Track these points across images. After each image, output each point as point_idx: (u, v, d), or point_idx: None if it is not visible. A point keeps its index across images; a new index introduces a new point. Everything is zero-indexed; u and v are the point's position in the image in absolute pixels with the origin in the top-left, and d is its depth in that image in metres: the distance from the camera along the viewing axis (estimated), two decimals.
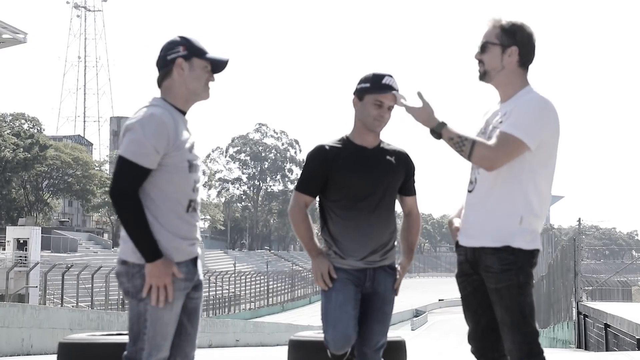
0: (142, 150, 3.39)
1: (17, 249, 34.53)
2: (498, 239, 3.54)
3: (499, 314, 3.57)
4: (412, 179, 4.13)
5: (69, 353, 4.11)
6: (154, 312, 3.43)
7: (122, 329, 19.93)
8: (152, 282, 3.40)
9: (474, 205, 3.65)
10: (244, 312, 50.65)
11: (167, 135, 3.43)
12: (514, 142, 3.49)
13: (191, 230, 3.54)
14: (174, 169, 3.47)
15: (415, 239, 4.15)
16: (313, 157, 4.00)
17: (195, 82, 3.56)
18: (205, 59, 3.57)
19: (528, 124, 3.50)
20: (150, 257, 3.39)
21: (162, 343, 3.46)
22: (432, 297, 76.26)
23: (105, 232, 72.86)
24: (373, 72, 4.01)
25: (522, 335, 3.52)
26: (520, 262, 3.53)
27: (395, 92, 3.94)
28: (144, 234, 3.40)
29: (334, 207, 3.99)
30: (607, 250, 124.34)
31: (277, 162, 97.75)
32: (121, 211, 3.41)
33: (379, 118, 3.96)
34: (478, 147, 3.50)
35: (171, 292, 3.42)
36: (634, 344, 12.45)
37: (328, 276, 3.95)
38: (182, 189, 3.49)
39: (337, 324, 3.88)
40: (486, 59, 3.64)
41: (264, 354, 15.48)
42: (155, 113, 3.44)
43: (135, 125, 3.42)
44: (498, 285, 3.54)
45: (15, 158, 52.79)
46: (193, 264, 3.57)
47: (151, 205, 3.46)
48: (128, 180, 3.41)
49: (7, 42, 30.92)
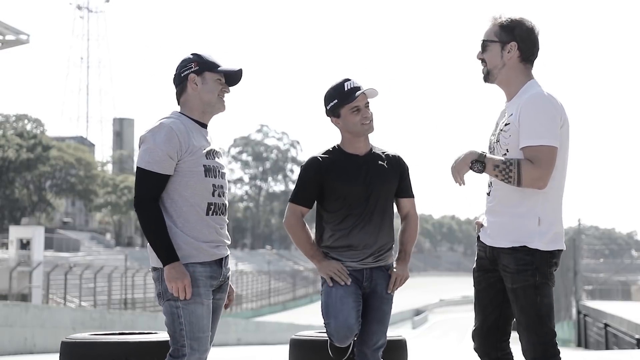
0: (155, 158, 3.56)
1: (20, 249, 34.50)
2: (516, 240, 3.53)
3: (515, 314, 3.58)
4: (407, 181, 4.14)
5: (72, 352, 4.11)
6: (186, 308, 3.59)
7: (125, 329, 20.03)
8: (170, 284, 3.55)
9: (492, 207, 3.65)
10: (245, 311, 50.59)
11: (177, 140, 3.58)
12: (549, 151, 3.45)
13: (213, 233, 3.68)
14: (189, 173, 3.62)
15: (411, 242, 4.17)
16: (307, 168, 4.04)
17: (208, 94, 3.72)
18: (217, 71, 3.71)
19: (546, 126, 3.46)
20: (165, 260, 3.55)
21: (201, 336, 3.61)
22: (433, 296, 76.13)
23: (107, 232, 72.79)
24: (331, 87, 4.02)
25: (537, 336, 3.51)
26: (537, 263, 3.51)
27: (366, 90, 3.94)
28: (160, 239, 3.55)
29: (330, 216, 4.03)
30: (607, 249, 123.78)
31: (278, 162, 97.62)
32: (140, 218, 3.58)
33: (364, 120, 3.98)
34: (525, 169, 3.45)
35: (189, 291, 3.56)
36: (633, 343, 12.47)
37: (343, 272, 3.98)
38: (199, 193, 3.63)
39: (339, 314, 3.91)
40: (487, 58, 3.62)
41: (266, 353, 15.52)
42: (164, 122, 3.62)
43: (147, 136, 3.61)
44: (514, 286, 3.54)
45: (18, 158, 52.79)
46: (218, 265, 3.71)
47: (170, 210, 3.62)
48: (146, 188, 3.59)
49: (10, 43, 30.92)
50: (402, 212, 4.19)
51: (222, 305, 3.85)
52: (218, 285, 3.75)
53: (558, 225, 3.59)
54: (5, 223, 52.91)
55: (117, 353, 4.03)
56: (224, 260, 3.77)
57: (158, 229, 3.56)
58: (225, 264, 3.77)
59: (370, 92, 3.96)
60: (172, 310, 3.61)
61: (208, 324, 3.65)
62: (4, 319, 14.48)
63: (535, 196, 3.52)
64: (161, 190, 3.61)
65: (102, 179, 62.13)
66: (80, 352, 4.08)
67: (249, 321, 34.96)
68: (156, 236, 3.56)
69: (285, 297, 64.98)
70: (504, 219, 3.57)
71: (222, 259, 3.75)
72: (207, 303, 3.65)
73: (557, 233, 3.58)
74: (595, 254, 38.09)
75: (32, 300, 29.17)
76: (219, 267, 3.72)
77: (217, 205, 3.70)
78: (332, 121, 4.06)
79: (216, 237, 3.70)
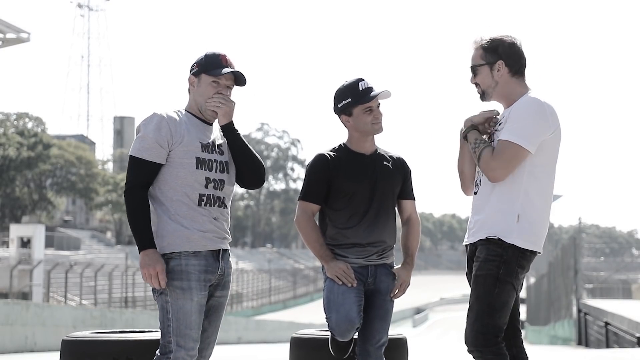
0: (145, 145, 3.58)
1: (21, 247, 34.51)
2: (492, 233, 3.61)
3: (471, 300, 3.63)
4: (409, 183, 4.19)
5: (72, 350, 4.11)
6: (174, 303, 3.55)
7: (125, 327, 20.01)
8: (143, 271, 3.52)
9: (477, 206, 3.74)
10: (246, 309, 50.61)
11: (167, 129, 3.60)
12: (512, 148, 3.55)
13: (206, 222, 3.63)
14: (179, 164, 3.61)
15: (415, 246, 4.20)
16: (315, 165, 4.05)
17: (199, 97, 3.72)
18: (212, 74, 3.69)
19: (524, 127, 3.55)
20: (141, 246, 3.53)
21: (188, 332, 3.55)
22: (434, 295, 76.14)
23: (108, 230, 72.80)
24: (344, 85, 4.04)
25: (482, 325, 3.55)
26: (506, 257, 3.57)
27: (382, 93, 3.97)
28: (139, 225, 3.55)
29: (335, 213, 4.05)
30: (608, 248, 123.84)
31: (279, 161, 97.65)
32: (126, 205, 3.59)
33: (375, 121, 4.03)
34: (485, 155, 3.60)
35: (163, 279, 3.52)
36: (634, 342, 12.47)
37: (349, 273, 3.99)
38: (189, 184, 3.62)
39: (340, 308, 3.93)
40: (480, 81, 3.74)
41: (266, 351, 15.53)
42: (156, 112, 3.65)
43: (139, 126, 3.66)
44: (478, 273, 3.61)
45: (19, 156, 52.78)
46: (214, 258, 3.65)
47: (162, 199, 3.62)
48: (134, 175, 3.60)
49: (10, 42, 30.95)
50: (403, 214, 4.21)
51: (224, 303, 3.77)
52: (217, 281, 3.68)
53: (539, 226, 3.65)
54: (6, 221, 52.93)
55: (118, 351, 4.04)
56: (222, 254, 3.70)
57: (138, 216, 3.55)
58: (224, 258, 3.70)
59: (384, 95, 4.00)
60: (163, 304, 3.58)
61: (197, 320, 3.58)
62: (4, 318, 14.49)
63: (517, 194, 3.61)
64: (151, 178, 3.61)
65: (103, 178, 62.12)
66: (80, 351, 4.09)
67: (250, 320, 34.97)
68: (135, 223, 3.55)
69: (286, 296, 65.01)
70: (486, 215, 3.66)
71: (220, 252, 3.67)
72: (198, 299, 3.58)
73: (537, 234, 3.64)
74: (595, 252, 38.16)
75: (32, 299, 29.17)
76: (216, 261, 3.65)
77: (212, 197, 3.66)
78: (341, 119, 4.08)
79: (210, 227, 3.64)
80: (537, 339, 28.54)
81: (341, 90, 4.04)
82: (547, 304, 27.69)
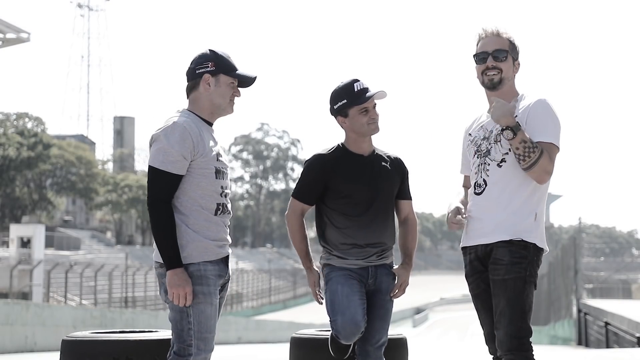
0: (169, 158, 3.54)
1: (21, 247, 34.50)
2: (514, 234, 3.61)
3: (500, 305, 3.61)
4: (407, 183, 4.20)
5: (72, 350, 4.11)
6: (196, 307, 3.57)
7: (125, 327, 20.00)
8: (171, 290, 3.53)
9: (487, 207, 3.70)
10: (246, 309, 50.61)
11: (190, 141, 3.57)
12: (555, 150, 3.62)
13: (221, 232, 3.68)
14: (200, 174, 3.61)
15: (413, 246, 4.20)
16: (312, 165, 4.04)
17: (219, 98, 3.69)
18: (233, 75, 3.68)
19: (555, 128, 3.63)
20: (169, 265, 3.53)
21: (208, 336, 3.60)
22: (434, 295, 76.14)
23: (108, 230, 72.81)
24: (339, 87, 4.03)
25: (517, 329, 3.57)
26: (530, 257, 3.61)
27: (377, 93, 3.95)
28: (167, 242, 3.53)
29: (333, 214, 4.05)
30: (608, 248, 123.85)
31: (279, 161, 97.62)
32: (151, 219, 3.56)
33: (371, 121, 4.01)
34: (544, 159, 3.58)
35: (190, 299, 3.54)
36: (634, 342, 12.47)
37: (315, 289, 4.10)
38: (209, 194, 3.63)
39: (346, 311, 3.93)
40: (504, 67, 3.73)
41: (266, 351, 15.53)
42: (178, 122, 3.58)
43: (159, 135, 3.57)
44: (506, 277, 3.59)
45: (19, 156, 52.78)
46: (224, 263, 3.72)
47: (181, 209, 3.60)
48: (159, 188, 3.56)
49: (10, 42, 30.99)
50: (401, 214, 4.22)
51: (222, 304, 3.83)
52: (222, 284, 3.76)
53: (543, 225, 3.72)
54: (6, 221, 52.94)
55: (118, 351, 4.04)
56: (227, 259, 3.78)
57: (166, 232, 3.53)
58: (227, 263, 3.78)
59: (380, 95, 3.99)
60: (182, 307, 3.58)
61: (215, 324, 3.65)
62: (4, 318, 14.49)
63: (531, 193, 3.65)
64: (174, 190, 3.59)
65: (103, 178, 62.13)
66: (80, 351, 4.08)
67: (250, 320, 34.97)
68: (164, 239, 3.53)
69: (286, 296, 65.03)
70: (500, 216, 3.65)
71: (227, 257, 3.75)
72: (216, 303, 3.65)
73: (544, 233, 3.71)
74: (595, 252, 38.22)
75: (32, 299, 29.17)
76: (226, 266, 3.73)
77: (225, 206, 3.71)
78: (337, 120, 4.07)
79: (223, 236, 3.71)
80: (537, 339, 28.52)
81: (336, 91, 4.03)
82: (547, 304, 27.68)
